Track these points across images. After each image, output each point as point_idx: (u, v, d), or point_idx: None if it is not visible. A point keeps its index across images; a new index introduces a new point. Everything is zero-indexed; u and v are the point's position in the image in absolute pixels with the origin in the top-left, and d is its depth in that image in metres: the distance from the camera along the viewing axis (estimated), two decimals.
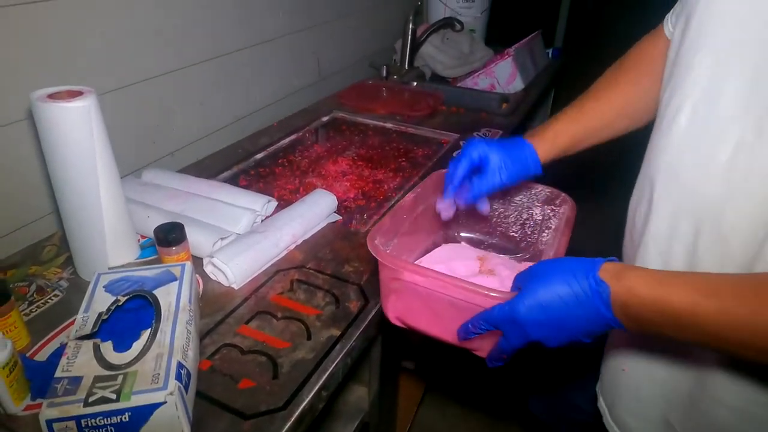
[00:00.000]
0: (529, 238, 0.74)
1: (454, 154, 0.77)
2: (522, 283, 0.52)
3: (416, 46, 1.73)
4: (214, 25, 1.11)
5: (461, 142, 1.22)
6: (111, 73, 0.93)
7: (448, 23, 1.75)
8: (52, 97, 0.66)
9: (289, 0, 1.31)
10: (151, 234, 0.82)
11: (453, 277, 0.55)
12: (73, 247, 0.75)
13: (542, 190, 0.73)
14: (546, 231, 0.73)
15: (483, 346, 0.56)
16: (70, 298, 0.72)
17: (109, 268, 0.76)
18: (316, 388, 0.60)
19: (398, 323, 0.62)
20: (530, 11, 2.41)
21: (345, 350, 0.65)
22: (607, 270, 0.47)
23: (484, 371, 0.62)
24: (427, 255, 0.72)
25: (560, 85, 2.13)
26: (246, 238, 0.79)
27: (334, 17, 1.53)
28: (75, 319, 0.67)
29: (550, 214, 0.72)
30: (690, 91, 0.53)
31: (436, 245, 0.73)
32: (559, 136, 0.70)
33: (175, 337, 0.56)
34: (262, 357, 0.63)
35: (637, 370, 0.64)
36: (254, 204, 0.88)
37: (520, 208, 0.74)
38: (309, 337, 0.66)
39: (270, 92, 1.34)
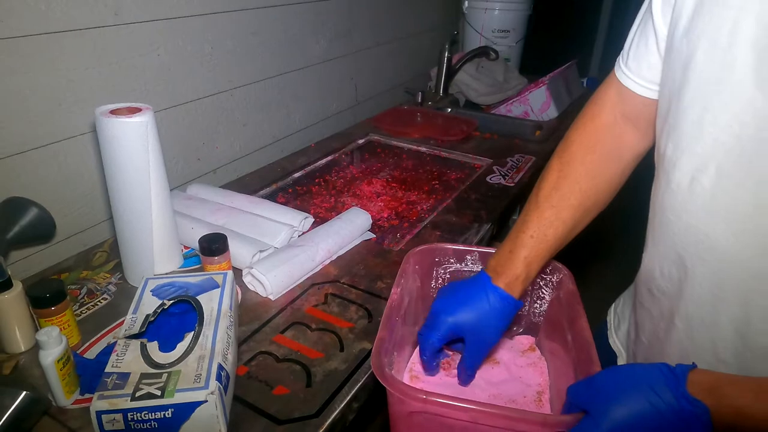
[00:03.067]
0: (520, 309, 0.65)
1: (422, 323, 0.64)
2: (585, 401, 0.43)
3: (451, 73, 1.77)
4: (261, 50, 1.17)
5: (494, 167, 1.24)
6: (166, 92, 0.99)
7: (484, 52, 1.78)
8: (114, 113, 0.72)
9: (330, 28, 1.38)
10: (194, 245, 0.87)
11: (498, 406, 0.49)
12: (122, 254, 0.80)
13: None
14: (538, 301, 0.68)
15: None
16: (117, 302, 0.76)
17: (155, 275, 0.80)
18: (348, 398, 0.61)
19: None
20: (565, 41, 2.43)
21: None
22: (697, 383, 0.39)
23: None
24: (417, 353, 0.66)
25: None
26: (284, 251, 0.82)
27: (373, 45, 1.59)
28: (121, 322, 0.72)
29: (541, 284, 0.68)
30: (711, 150, 0.45)
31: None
32: (531, 264, 0.59)
33: (216, 340, 0.58)
34: (297, 366, 0.65)
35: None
36: (292, 220, 0.91)
37: None
38: (342, 349, 0.68)
39: (309, 115, 1.39)
